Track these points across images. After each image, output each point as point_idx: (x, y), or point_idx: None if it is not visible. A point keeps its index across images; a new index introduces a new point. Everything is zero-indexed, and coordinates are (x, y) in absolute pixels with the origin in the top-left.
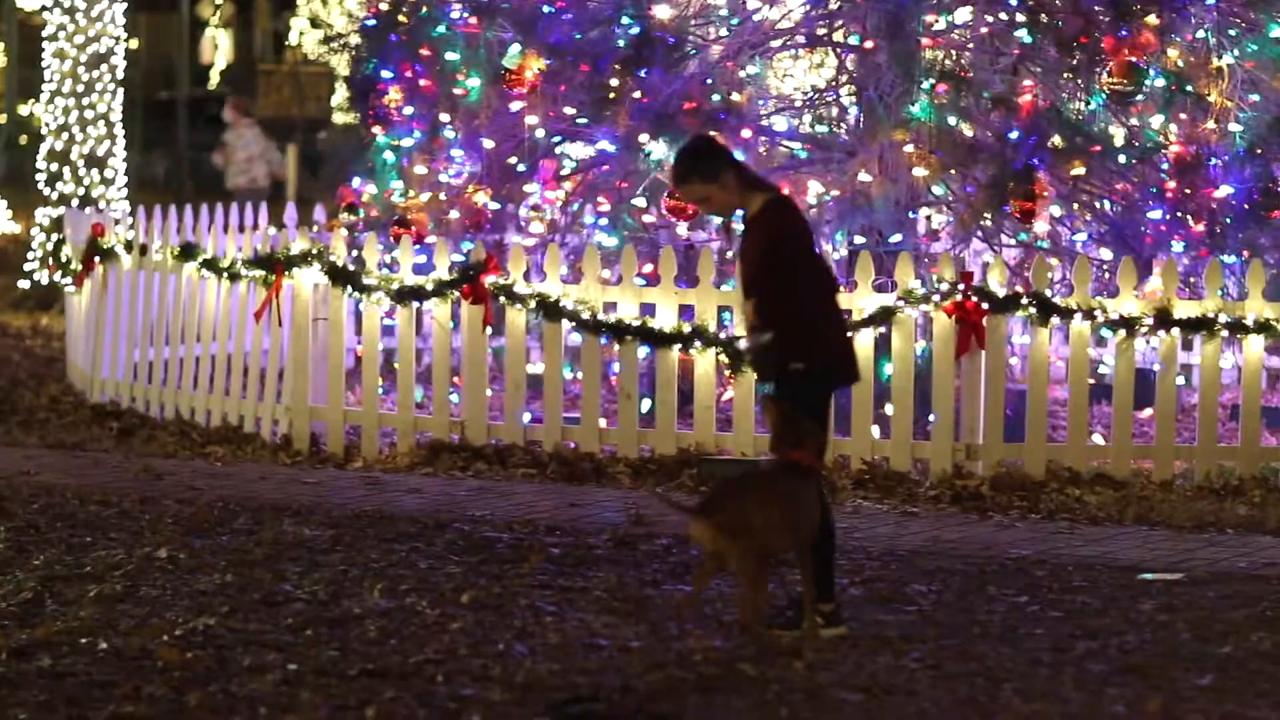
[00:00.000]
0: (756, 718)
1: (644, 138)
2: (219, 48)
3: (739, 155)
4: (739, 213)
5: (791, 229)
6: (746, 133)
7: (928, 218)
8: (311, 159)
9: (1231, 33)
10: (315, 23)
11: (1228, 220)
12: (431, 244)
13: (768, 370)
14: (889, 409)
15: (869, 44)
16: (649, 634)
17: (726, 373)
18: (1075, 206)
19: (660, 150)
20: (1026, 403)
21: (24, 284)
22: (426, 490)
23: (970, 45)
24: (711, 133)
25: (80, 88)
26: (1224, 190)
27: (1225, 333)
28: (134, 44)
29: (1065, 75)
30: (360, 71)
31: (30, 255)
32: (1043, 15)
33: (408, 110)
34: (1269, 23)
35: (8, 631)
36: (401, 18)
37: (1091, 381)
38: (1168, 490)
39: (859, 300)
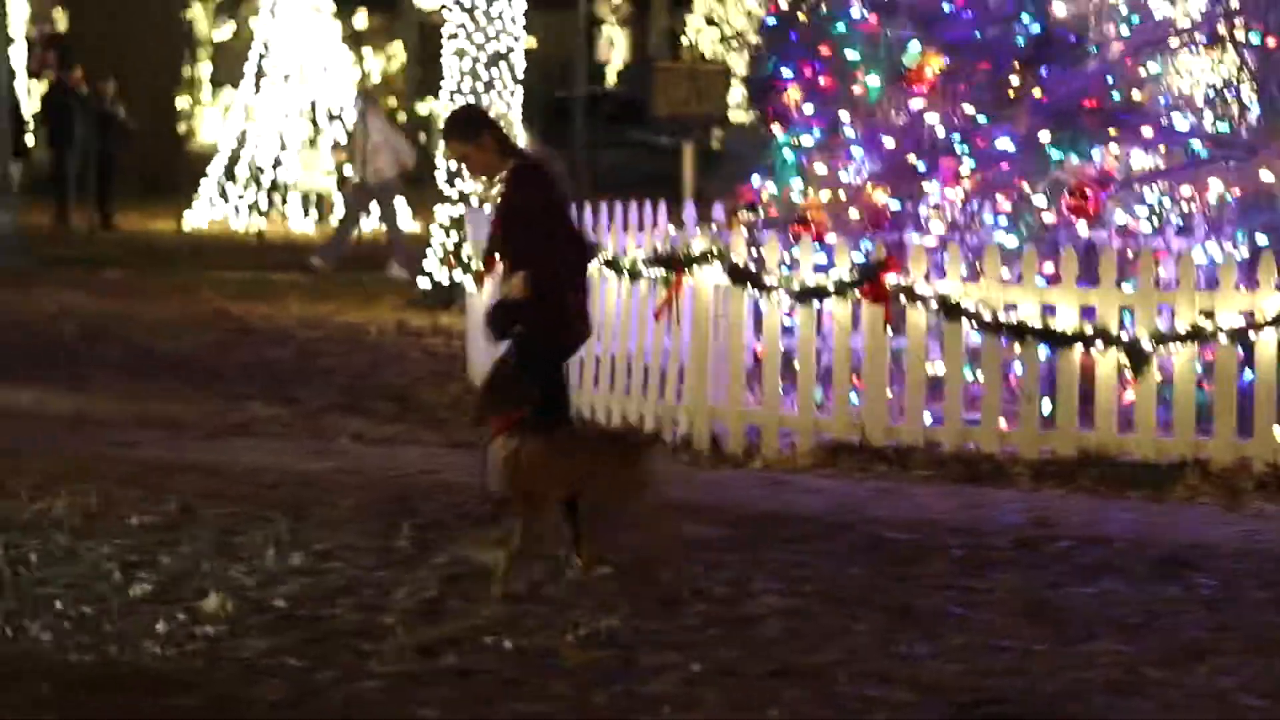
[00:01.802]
0: None
1: (1044, 136)
2: (615, 46)
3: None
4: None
5: (532, 195)
6: (1148, 131)
7: None
8: (709, 157)
9: None
10: (712, 21)
11: None
12: (831, 243)
13: (495, 330)
14: None
15: (1271, 41)
16: (1053, 636)
17: (1128, 374)
18: None
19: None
20: None
21: (424, 282)
22: (826, 490)
23: None
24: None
25: (480, 86)
26: None
27: None
28: (532, 43)
29: None
30: (759, 70)
31: (430, 253)
32: None
33: (807, 108)
34: None
35: (414, 629)
36: (801, 16)
37: None
38: None
39: (1261, 301)
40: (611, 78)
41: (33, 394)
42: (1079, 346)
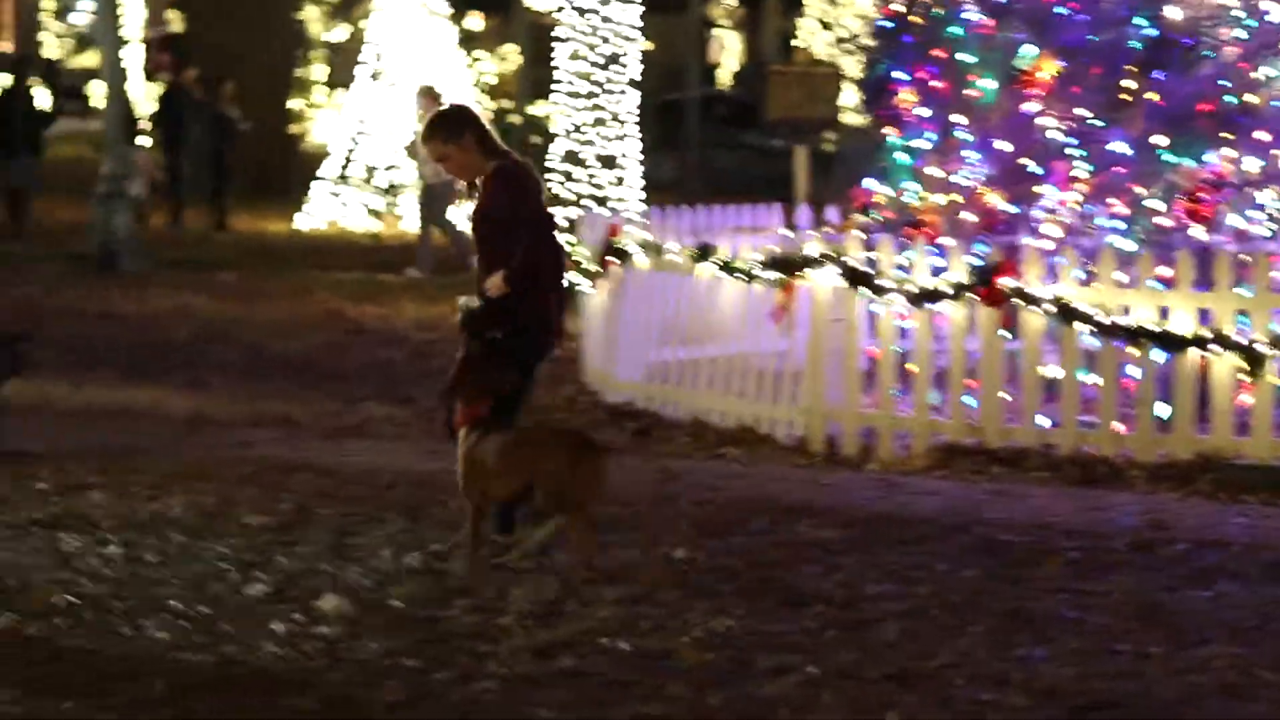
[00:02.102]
0: None
1: (1158, 139)
2: (727, 49)
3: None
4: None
5: (512, 195)
6: (1263, 134)
7: None
8: (822, 160)
9: None
10: (825, 23)
11: None
12: (945, 246)
13: (471, 329)
14: None
15: None
16: (1168, 640)
17: (1245, 377)
18: None
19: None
20: None
21: None
22: (942, 493)
23: None
24: (460, 104)
25: (593, 89)
26: None
27: None
28: (644, 45)
29: None
30: (873, 73)
31: None
32: None
33: (921, 111)
34: None
35: (531, 632)
36: (915, 19)
37: None
38: None
39: None
40: (724, 80)
41: (151, 394)
42: (1195, 350)
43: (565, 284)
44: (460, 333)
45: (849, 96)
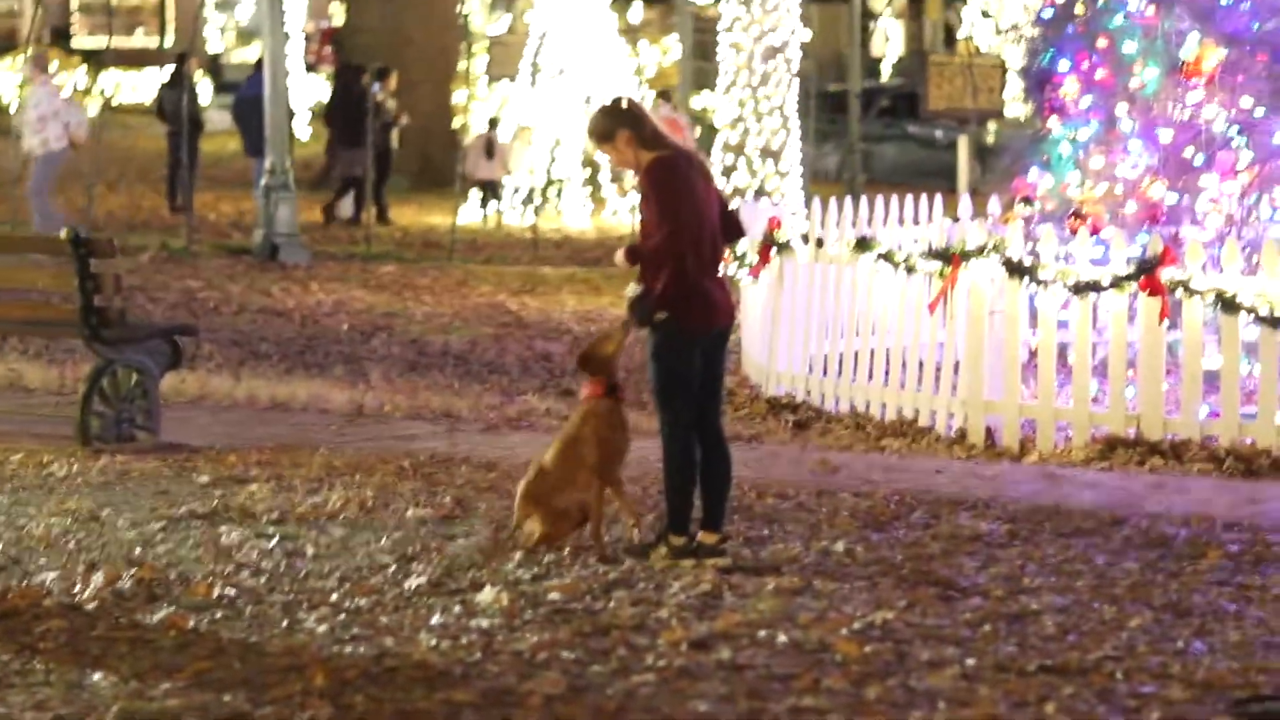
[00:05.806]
0: None
1: None
2: (890, 39)
3: None
4: None
5: (666, 186)
6: None
7: None
8: (984, 151)
9: None
10: (987, 14)
11: None
12: (1107, 237)
13: (639, 315)
14: None
15: None
16: None
17: None
18: None
19: None
20: None
21: None
22: (1102, 485)
23: None
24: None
25: (755, 80)
26: None
27: None
28: (806, 36)
29: None
30: (1036, 63)
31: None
32: None
33: (1084, 101)
34: None
35: (687, 623)
36: (1078, 9)
37: None
38: None
39: None
40: (886, 72)
41: (310, 387)
42: None
43: (722, 266)
44: (629, 317)
45: (1011, 87)
